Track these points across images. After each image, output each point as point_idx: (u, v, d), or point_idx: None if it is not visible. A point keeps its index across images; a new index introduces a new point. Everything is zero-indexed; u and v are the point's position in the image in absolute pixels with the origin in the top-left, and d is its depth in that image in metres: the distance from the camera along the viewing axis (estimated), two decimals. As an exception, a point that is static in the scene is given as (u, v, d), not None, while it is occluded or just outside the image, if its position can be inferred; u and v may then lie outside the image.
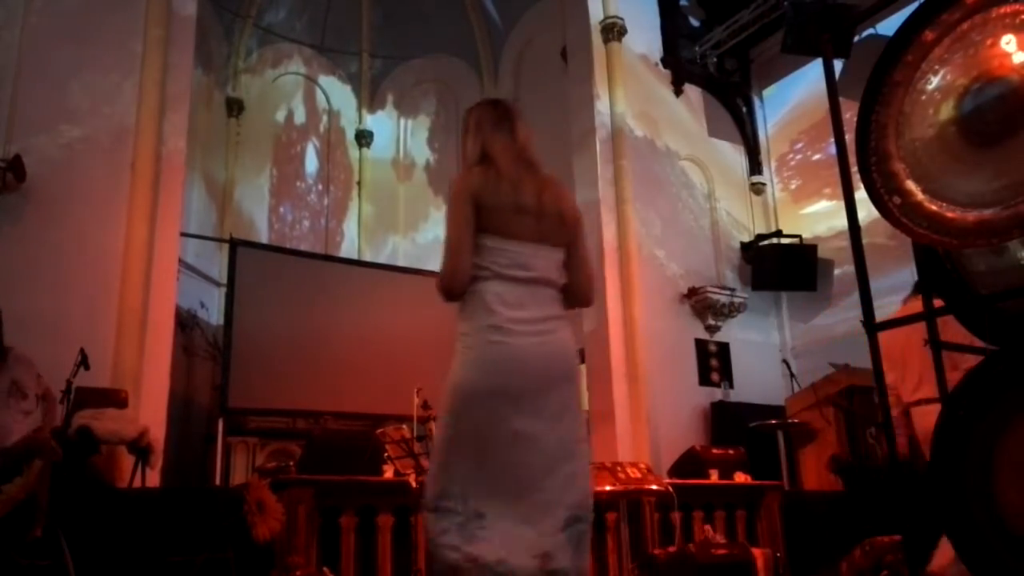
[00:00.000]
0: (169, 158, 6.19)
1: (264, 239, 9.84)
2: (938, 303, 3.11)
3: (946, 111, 2.82)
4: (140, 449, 4.72)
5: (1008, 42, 2.65)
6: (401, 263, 10.34)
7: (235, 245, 8.31)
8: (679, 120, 9.17)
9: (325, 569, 3.84)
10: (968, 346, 4.36)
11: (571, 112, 8.83)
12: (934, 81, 2.88)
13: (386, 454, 4.56)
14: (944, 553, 4.18)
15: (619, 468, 4.75)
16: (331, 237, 10.71)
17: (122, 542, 3.80)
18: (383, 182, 11.31)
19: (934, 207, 2.72)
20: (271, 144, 10.62)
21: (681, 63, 9.18)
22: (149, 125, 6.11)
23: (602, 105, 8.44)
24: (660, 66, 9.14)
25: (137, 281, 5.77)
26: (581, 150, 8.54)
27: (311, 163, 10.97)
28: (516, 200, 2.18)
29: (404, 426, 4.79)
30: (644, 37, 9.02)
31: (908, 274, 5.52)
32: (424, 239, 11.27)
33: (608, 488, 4.46)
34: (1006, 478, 2.39)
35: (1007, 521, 2.35)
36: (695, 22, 9.58)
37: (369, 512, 4.26)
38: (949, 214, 2.68)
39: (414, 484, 4.10)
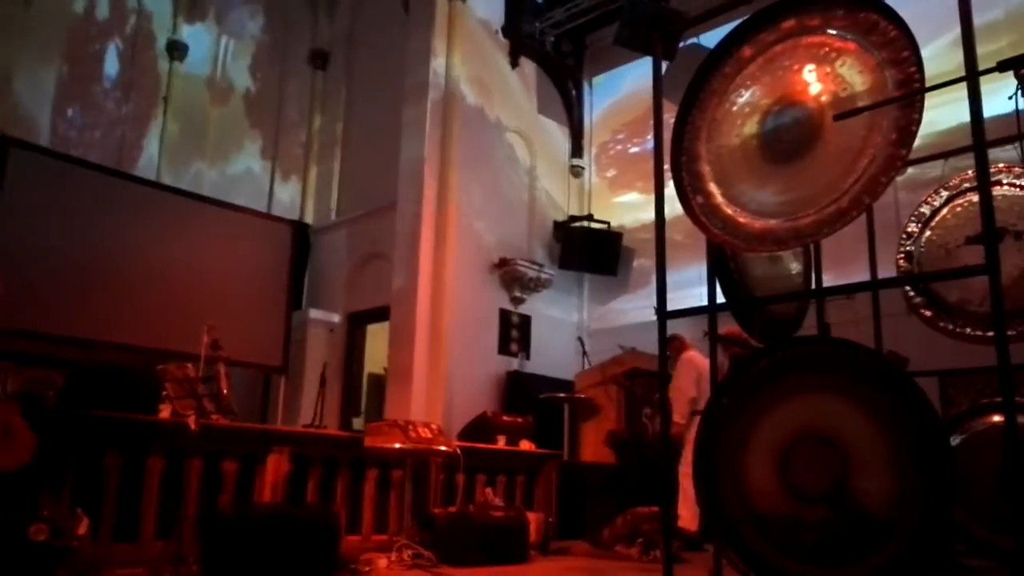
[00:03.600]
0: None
1: (44, 141, 8.73)
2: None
3: (751, 126, 3.07)
4: None
5: (810, 71, 2.92)
6: (205, 192, 9.61)
7: (7, 143, 7.30)
8: (512, 92, 9.27)
9: (78, 510, 3.52)
10: (736, 340, 4.85)
11: (406, 63, 8.64)
12: (745, 95, 3.12)
13: (165, 392, 4.24)
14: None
15: (411, 427, 4.77)
16: (127, 151, 9.72)
17: None
18: (193, 101, 10.42)
19: (729, 211, 2.97)
20: (63, 36, 9.36)
21: (521, 36, 9.27)
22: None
23: (438, 65, 8.33)
24: (500, 35, 9.17)
25: None
26: (412, 103, 8.39)
27: (111, 66, 9.83)
28: None
29: (189, 365, 4.47)
30: (487, 3, 8.99)
31: (697, 272, 5.99)
32: (234, 170, 10.58)
33: (397, 446, 4.47)
34: (754, 460, 2.68)
35: (751, 498, 2.64)
36: (539, -2, 9.70)
37: (138, 452, 3.96)
38: (741, 219, 2.94)
39: (193, 426, 3.86)
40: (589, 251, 9.19)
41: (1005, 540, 3.88)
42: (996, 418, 4.23)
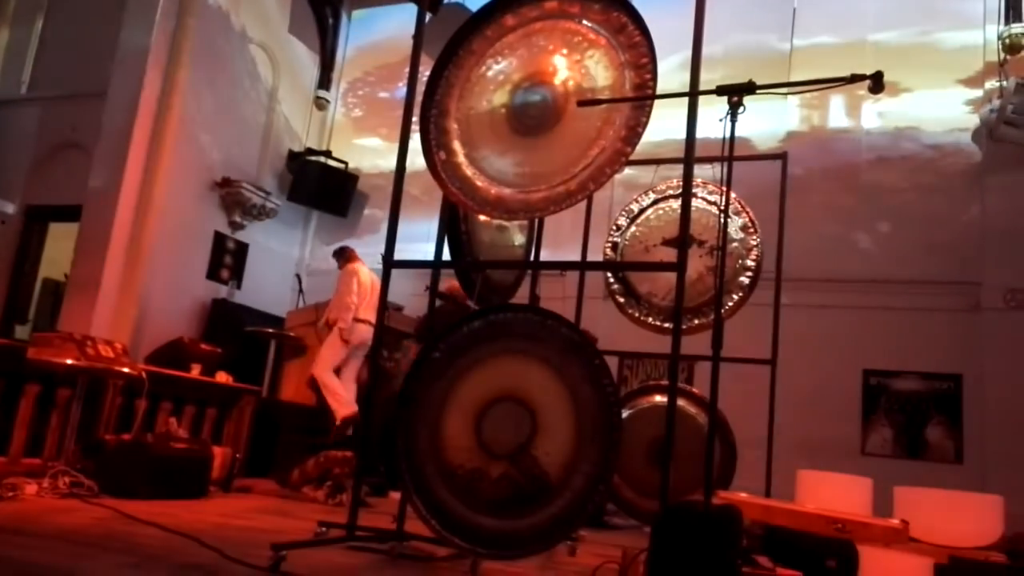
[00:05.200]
0: None
1: None
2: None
3: (501, 95, 3.16)
4: None
5: (563, 55, 3.07)
6: None
7: None
8: (263, 3, 8.57)
9: None
10: (448, 295, 5.01)
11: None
12: (501, 63, 3.19)
13: None
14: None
15: (89, 343, 4.25)
16: None
17: None
18: None
19: (469, 172, 3.03)
20: None
21: (285, -55, 8.58)
22: None
23: (183, -52, 7.42)
24: (262, -64, 8.42)
25: None
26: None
27: None
28: None
29: None
30: None
31: (427, 229, 6.08)
32: None
33: (69, 362, 3.96)
34: (453, 415, 2.78)
35: (444, 450, 2.74)
36: (311, -90, 9.06)
37: None
38: (478, 182, 3.01)
39: None
40: (322, 188, 8.87)
41: (649, 503, 4.50)
42: (657, 398, 4.90)
